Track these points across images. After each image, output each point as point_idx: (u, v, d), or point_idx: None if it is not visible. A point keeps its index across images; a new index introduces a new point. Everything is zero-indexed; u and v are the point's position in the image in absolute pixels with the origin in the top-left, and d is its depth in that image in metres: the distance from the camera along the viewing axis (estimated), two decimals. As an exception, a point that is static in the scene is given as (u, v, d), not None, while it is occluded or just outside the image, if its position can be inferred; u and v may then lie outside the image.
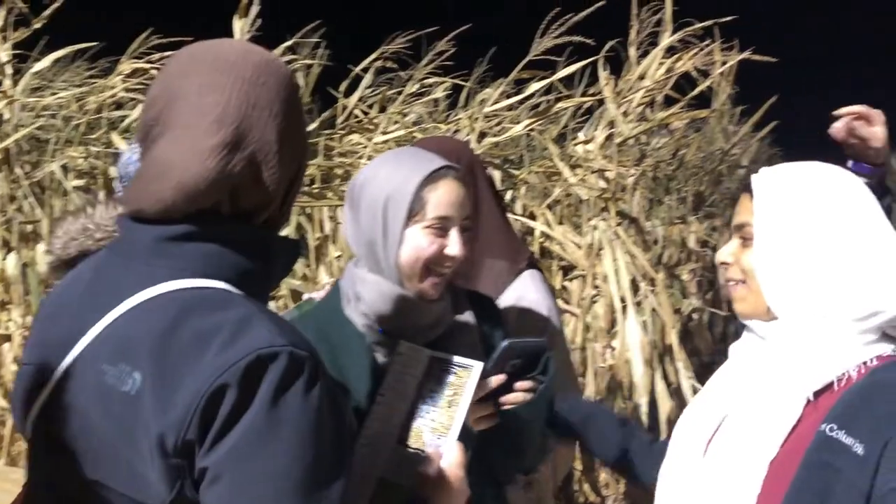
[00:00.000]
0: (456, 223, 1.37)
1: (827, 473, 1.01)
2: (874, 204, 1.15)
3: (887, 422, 0.99)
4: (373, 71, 4.14)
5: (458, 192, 1.38)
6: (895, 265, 1.10)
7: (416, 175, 1.36)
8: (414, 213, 1.35)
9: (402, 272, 1.37)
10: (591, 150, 3.45)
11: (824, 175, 1.17)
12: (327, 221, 3.62)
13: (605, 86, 3.62)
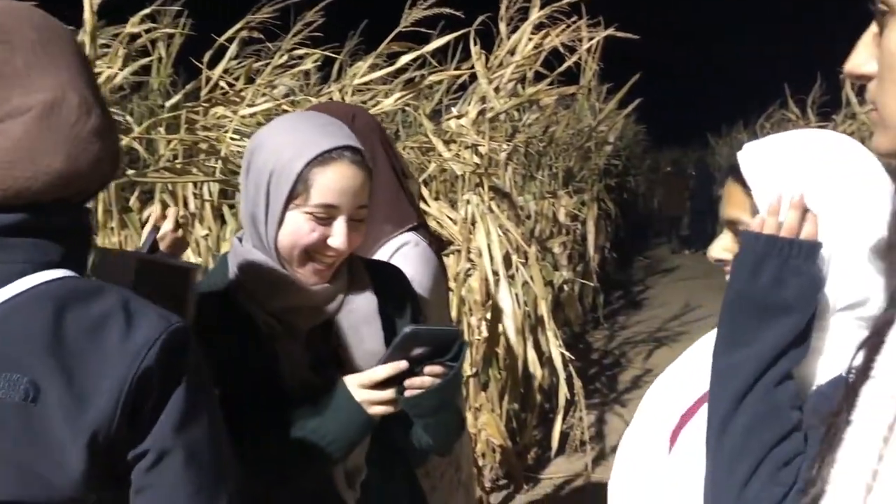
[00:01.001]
0: (344, 212, 1.24)
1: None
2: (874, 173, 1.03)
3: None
4: (238, 41, 3.98)
5: (352, 179, 1.24)
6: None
7: (306, 153, 1.22)
8: (296, 196, 1.23)
9: (280, 254, 1.26)
10: (464, 126, 3.45)
11: (823, 152, 1.05)
12: (192, 199, 3.46)
13: (476, 61, 3.62)
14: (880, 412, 0.56)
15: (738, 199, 1.07)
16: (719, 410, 0.98)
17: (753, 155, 1.07)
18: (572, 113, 6.84)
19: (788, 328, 0.97)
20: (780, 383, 0.96)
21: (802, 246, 0.98)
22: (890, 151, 0.66)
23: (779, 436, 0.94)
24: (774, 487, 0.91)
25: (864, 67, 0.67)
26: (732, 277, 1.03)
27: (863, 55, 0.67)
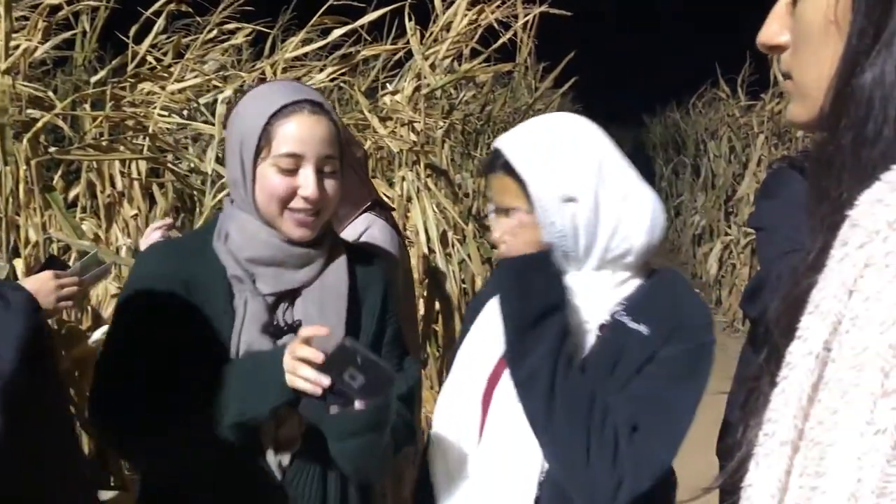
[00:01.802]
0: (309, 161, 1.29)
1: (616, 348, 1.21)
2: (611, 143, 1.29)
3: (669, 314, 1.22)
4: (166, 15, 3.84)
5: (312, 128, 1.28)
6: (640, 207, 1.26)
7: (268, 108, 1.28)
8: (262, 150, 1.29)
9: (261, 212, 1.31)
10: (400, 103, 3.42)
11: (571, 129, 1.27)
12: (119, 177, 3.35)
13: (411, 36, 3.59)
14: (804, 372, 0.57)
15: (512, 189, 1.23)
16: (538, 410, 1.16)
17: (519, 148, 1.24)
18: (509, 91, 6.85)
19: (560, 320, 1.18)
20: (569, 363, 1.16)
21: (547, 253, 1.21)
22: (806, 121, 0.67)
23: (590, 404, 1.14)
24: (605, 438, 1.13)
25: (777, 38, 0.68)
26: (504, 300, 1.21)
27: (775, 26, 0.68)
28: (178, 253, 1.35)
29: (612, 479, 1.13)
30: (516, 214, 1.25)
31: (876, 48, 0.59)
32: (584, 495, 1.16)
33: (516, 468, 1.23)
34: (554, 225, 1.23)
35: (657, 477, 1.16)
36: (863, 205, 0.55)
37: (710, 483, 0.71)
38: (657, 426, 1.17)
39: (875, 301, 0.52)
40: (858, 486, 0.52)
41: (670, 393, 1.18)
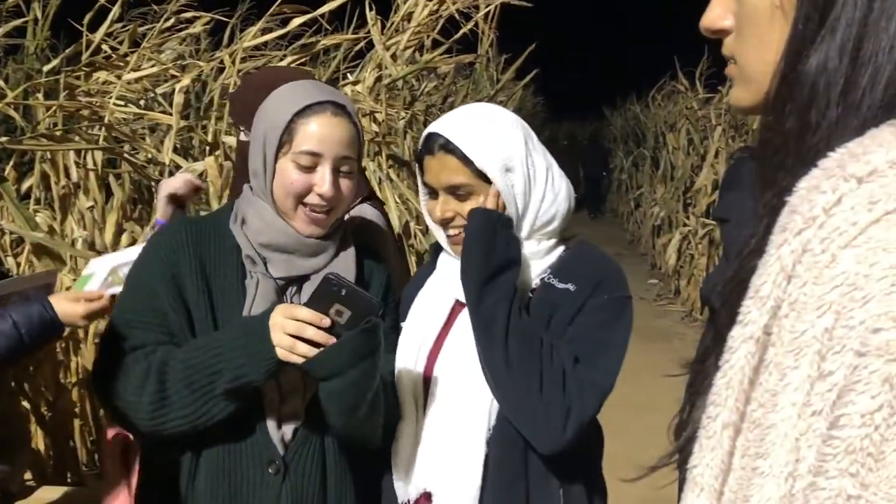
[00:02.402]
0: (327, 160, 1.34)
1: (548, 305, 1.35)
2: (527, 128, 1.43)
3: (591, 273, 1.37)
4: (121, 3, 3.77)
5: (333, 128, 1.34)
6: (560, 180, 1.41)
7: (293, 107, 1.34)
8: (284, 145, 1.34)
9: (277, 204, 1.37)
10: (360, 93, 3.40)
11: (498, 114, 1.40)
12: (74, 168, 3.29)
13: (372, 27, 3.57)
14: (744, 356, 0.58)
15: (453, 165, 1.34)
16: (495, 347, 1.29)
17: (456, 128, 1.35)
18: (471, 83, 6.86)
19: (516, 274, 1.33)
20: (520, 310, 1.30)
21: (507, 216, 1.34)
22: (750, 105, 0.68)
23: (539, 342, 1.29)
24: (554, 369, 1.28)
25: (721, 22, 0.69)
26: (471, 254, 1.33)
27: (718, 9, 0.69)
28: (197, 229, 1.40)
29: (562, 405, 1.27)
30: (472, 194, 1.36)
31: (820, 34, 0.60)
32: (537, 425, 1.28)
33: (463, 429, 1.31)
34: (501, 193, 1.34)
35: (600, 402, 1.30)
36: (801, 191, 0.57)
37: (656, 462, 0.72)
38: (595, 359, 1.31)
39: (812, 286, 0.54)
40: (797, 466, 0.54)
41: (602, 333, 1.33)
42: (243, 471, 1.33)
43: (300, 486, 1.34)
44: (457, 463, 1.31)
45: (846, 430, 0.51)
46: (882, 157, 0.54)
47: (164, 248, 1.36)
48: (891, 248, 0.51)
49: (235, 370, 1.26)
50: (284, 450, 1.34)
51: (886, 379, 0.50)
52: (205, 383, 1.27)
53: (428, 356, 1.38)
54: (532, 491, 1.31)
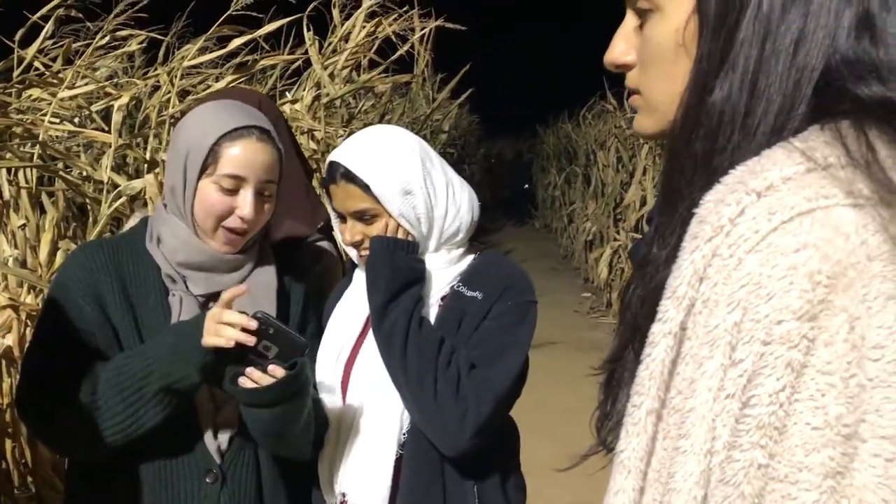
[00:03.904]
0: (250, 184, 1.37)
1: (457, 312, 1.43)
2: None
3: (497, 280, 1.46)
4: (55, 20, 3.73)
5: (257, 153, 1.37)
6: (461, 192, 1.49)
7: (218, 130, 1.36)
8: (207, 167, 1.37)
9: (196, 223, 1.39)
10: (299, 111, 3.44)
11: (394, 138, 1.47)
12: (6, 186, 3.23)
13: (310, 46, 3.62)
14: (664, 349, 0.66)
15: (356, 194, 1.41)
16: (395, 359, 1.37)
17: (354, 157, 1.42)
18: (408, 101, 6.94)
19: (417, 291, 1.42)
20: (420, 321, 1.39)
21: (412, 239, 1.43)
22: (654, 132, 0.77)
23: (437, 350, 1.37)
24: (449, 374, 1.35)
25: (624, 57, 0.77)
26: (375, 277, 1.41)
27: (622, 45, 0.77)
28: (113, 250, 1.41)
29: (458, 409, 1.34)
30: (376, 217, 1.44)
31: (723, 70, 0.69)
32: (436, 430, 1.36)
33: (378, 433, 1.40)
34: (402, 216, 1.42)
35: (496, 400, 1.37)
36: (708, 203, 0.65)
37: (586, 451, 0.80)
38: (492, 362, 1.39)
39: (722, 286, 0.62)
40: (714, 443, 0.62)
41: (502, 337, 1.41)
42: (181, 482, 1.35)
43: (237, 494, 1.38)
44: (369, 466, 1.39)
45: (756, 409, 0.59)
46: (777, 173, 0.63)
47: (83, 270, 1.37)
48: (787, 252, 0.60)
49: (166, 367, 1.28)
50: (221, 459, 1.37)
51: (788, 363, 0.58)
52: (135, 389, 1.28)
53: (345, 365, 1.46)
54: (448, 492, 1.39)
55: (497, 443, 1.43)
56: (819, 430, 0.58)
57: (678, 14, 0.71)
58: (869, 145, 0.63)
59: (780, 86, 0.67)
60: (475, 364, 1.39)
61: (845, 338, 0.58)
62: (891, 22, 0.68)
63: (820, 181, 0.62)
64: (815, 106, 0.67)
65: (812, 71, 0.67)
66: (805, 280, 0.59)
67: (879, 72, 0.67)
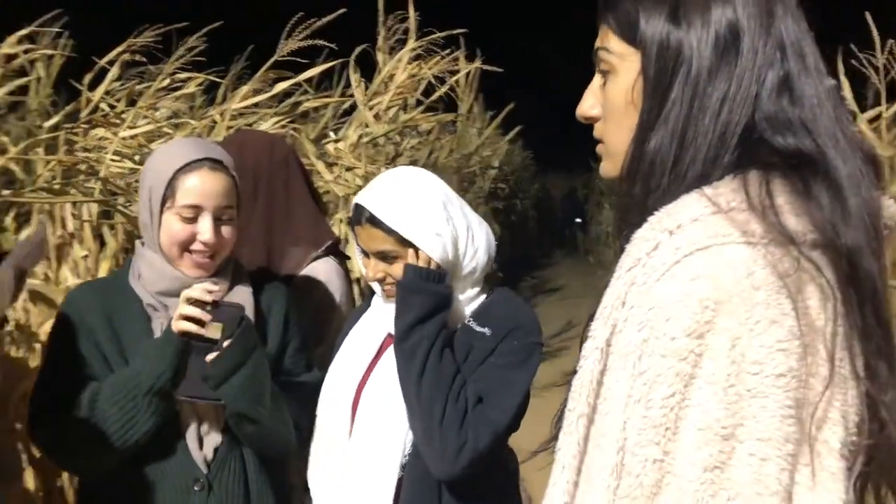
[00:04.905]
0: (208, 211, 1.51)
1: (465, 346, 1.51)
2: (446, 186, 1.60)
3: (506, 319, 1.54)
4: (120, 64, 4.00)
5: (211, 182, 1.51)
6: (479, 233, 1.57)
7: (173, 164, 1.50)
8: (167, 200, 1.51)
9: (164, 252, 1.53)
10: (341, 150, 3.61)
11: (418, 182, 1.55)
12: (70, 219, 3.46)
13: (356, 88, 3.80)
14: (593, 362, 0.76)
15: (379, 237, 1.51)
16: (411, 379, 1.45)
17: (380, 203, 1.51)
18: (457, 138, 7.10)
19: (442, 318, 1.49)
20: (441, 349, 1.46)
21: (442, 270, 1.51)
22: (613, 174, 0.87)
23: (451, 380, 1.45)
24: (458, 406, 1.44)
25: (591, 111, 0.88)
26: (402, 299, 1.49)
27: (589, 101, 0.88)
28: (101, 290, 1.60)
29: (458, 439, 1.43)
30: (398, 257, 1.53)
31: (658, 123, 0.79)
32: (435, 453, 1.44)
33: (382, 453, 1.48)
34: (432, 254, 1.51)
35: (494, 436, 1.45)
36: (635, 240, 0.75)
37: (538, 447, 0.89)
38: (495, 398, 1.47)
39: (636, 308, 0.72)
40: (624, 442, 0.72)
41: (507, 374, 1.49)
42: (170, 491, 1.49)
43: (225, 501, 1.51)
44: (371, 484, 1.47)
45: (651, 412, 0.69)
46: (687, 214, 0.73)
47: (77, 313, 1.54)
48: (685, 280, 0.70)
49: (149, 369, 1.44)
50: (207, 468, 1.50)
51: (678, 374, 0.68)
52: (129, 397, 1.44)
53: (357, 385, 1.55)
54: None
55: (493, 469, 1.50)
56: (702, 430, 0.67)
57: (628, 76, 0.82)
58: (769, 192, 0.72)
59: (707, 138, 0.77)
60: (481, 398, 1.47)
61: (727, 354, 0.67)
62: (806, 84, 0.78)
63: (720, 222, 0.71)
64: (740, 154, 0.77)
65: (736, 126, 0.77)
66: (696, 304, 0.68)
67: (794, 126, 0.76)
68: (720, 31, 0.77)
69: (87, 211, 3.66)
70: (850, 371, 0.71)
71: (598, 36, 0.86)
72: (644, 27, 0.79)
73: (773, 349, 0.67)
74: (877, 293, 0.72)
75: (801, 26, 0.79)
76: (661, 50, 0.78)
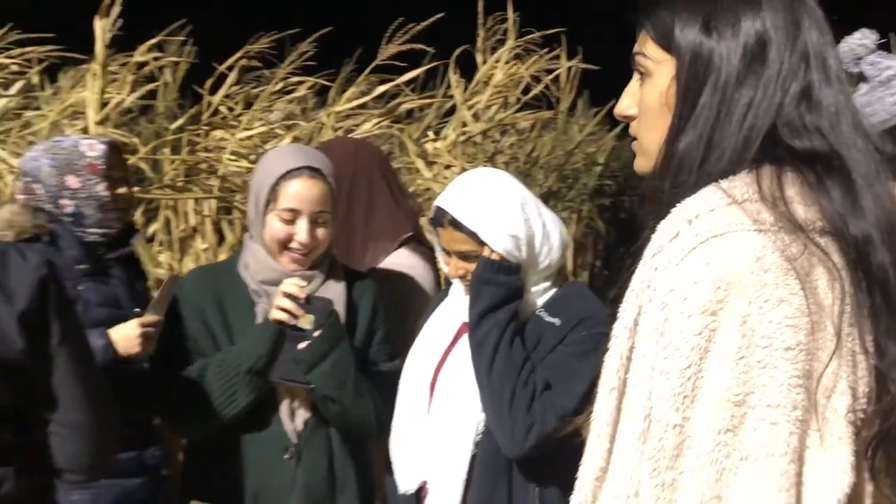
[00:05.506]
0: (304, 215, 1.69)
1: (534, 335, 1.63)
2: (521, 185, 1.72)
3: (575, 311, 1.64)
4: (238, 69, 4.28)
5: (311, 189, 1.69)
6: (553, 231, 1.67)
7: (278, 170, 1.70)
8: (270, 202, 1.70)
9: (266, 247, 1.73)
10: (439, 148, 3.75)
11: (496, 185, 1.67)
12: (192, 214, 3.75)
13: (455, 88, 3.93)
14: (622, 341, 0.85)
15: (460, 238, 1.64)
16: (482, 364, 1.57)
17: (463, 208, 1.62)
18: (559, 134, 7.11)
19: (513, 307, 1.60)
20: (512, 336, 1.58)
21: (514, 264, 1.62)
22: (647, 171, 0.95)
23: (521, 365, 1.57)
24: (526, 391, 1.55)
25: (628, 111, 0.96)
26: (475, 290, 1.61)
27: (627, 101, 0.96)
28: (213, 275, 1.83)
29: (526, 422, 1.55)
30: (478, 254, 1.65)
31: (688, 126, 0.87)
32: (504, 434, 1.55)
33: (457, 429, 1.61)
34: (504, 253, 1.63)
35: (559, 420, 1.53)
36: (658, 229, 0.84)
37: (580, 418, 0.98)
38: (562, 385, 1.57)
39: (658, 291, 0.81)
40: (650, 410, 0.80)
41: (574, 362, 1.59)
42: (264, 457, 1.68)
43: (311, 469, 1.68)
44: (448, 459, 1.60)
45: (672, 381, 0.78)
46: (704, 205, 0.81)
47: (190, 295, 1.77)
48: (700, 264, 0.78)
49: (251, 352, 1.65)
50: (297, 439, 1.69)
51: (693, 347, 0.76)
52: (231, 374, 1.64)
53: (435, 367, 1.68)
54: (513, 490, 1.58)
55: (560, 453, 1.59)
56: (715, 398, 0.75)
57: (663, 79, 0.91)
58: (779, 184, 0.80)
59: (732, 141, 0.85)
60: (549, 384, 1.58)
61: (737, 329, 0.75)
62: (826, 94, 0.84)
63: (734, 212, 0.79)
64: (761, 153, 0.84)
65: (759, 130, 0.84)
66: (710, 285, 0.76)
67: (810, 131, 0.83)
68: (749, 41, 0.84)
69: (208, 207, 3.96)
70: (860, 346, 0.77)
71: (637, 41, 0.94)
72: (679, 36, 0.87)
73: (782, 325, 0.74)
74: (888, 281, 0.78)
75: (826, 38, 0.86)
76: (694, 58, 0.86)
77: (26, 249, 1.33)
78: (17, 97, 4.14)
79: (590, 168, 8.72)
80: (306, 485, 1.68)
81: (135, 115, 5.15)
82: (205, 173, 3.68)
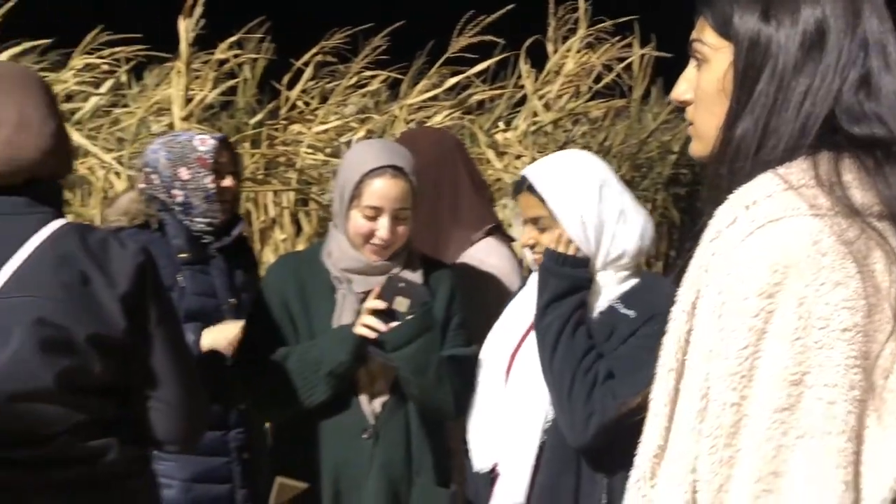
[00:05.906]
0: (386, 212, 1.77)
1: (608, 327, 1.67)
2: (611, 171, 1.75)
3: (652, 304, 1.63)
4: (314, 65, 4.40)
5: (391, 188, 1.77)
6: (633, 220, 1.68)
7: (363, 168, 1.77)
8: (354, 199, 1.77)
9: (350, 239, 1.81)
10: (509, 139, 3.78)
11: (580, 162, 1.72)
12: (271, 206, 3.89)
13: (526, 79, 3.95)
14: (680, 323, 0.88)
15: (535, 204, 1.69)
16: (545, 353, 1.62)
17: (542, 176, 1.67)
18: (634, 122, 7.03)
19: (578, 298, 1.65)
20: (575, 326, 1.62)
21: (581, 255, 1.66)
22: (702, 155, 0.97)
23: (583, 355, 1.60)
24: (586, 381, 1.58)
25: (684, 95, 0.98)
26: (540, 280, 1.66)
27: (683, 86, 0.98)
28: (296, 262, 1.93)
29: (585, 411, 1.58)
30: (547, 227, 1.69)
31: (745, 112, 0.89)
32: (565, 423, 1.59)
33: (527, 416, 1.65)
34: (572, 231, 1.66)
35: (619, 411, 1.54)
36: (716, 215, 0.86)
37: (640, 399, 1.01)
38: (626, 376, 1.58)
39: (716, 275, 0.84)
40: (707, 390, 0.83)
41: (642, 355, 1.55)
42: (343, 437, 1.76)
43: (389, 449, 1.76)
44: (518, 445, 1.64)
45: (728, 362, 0.80)
46: (761, 191, 0.83)
47: (274, 283, 1.88)
48: (757, 248, 0.81)
49: (333, 356, 1.72)
50: (375, 420, 1.76)
51: (750, 328, 0.79)
52: (311, 372, 1.74)
53: (511, 354, 1.73)
54: (581, 480, 1.62)
55: (630, 446, 1.61)
56: (772, 377, 0.77)
57: (721, 66, 0.92)
58: (836, 171, 0.81)
59: (788, 128, 0.86)
60: (612, 374, 1.60)
61: (794, 311, 0.77)
62: (886, 81, 0.85)
63: (791, 197, 0.81)
64: (818, 140, 0.86)
65: (816, 117, 0.85)
66: (766, 268, 0.78)
67: (869, 118, 0.84)
68: (808, 29, 0.85)
69: (286, 198, 4.10)
70: None
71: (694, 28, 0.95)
72: (738, 23, 0.89)
73: (839, 307, 0.76)
74: None
75: (886, 25, 0.86)
76: (752, 45, 0.88)
77: (125, 237, 1.44)
78: (107, 95, 4.35)
79: (664, 157, 8.59)
80: (384, 465, 1.76)
81: (216, 111, 5.34)
82: (283, 166, 3.81)
